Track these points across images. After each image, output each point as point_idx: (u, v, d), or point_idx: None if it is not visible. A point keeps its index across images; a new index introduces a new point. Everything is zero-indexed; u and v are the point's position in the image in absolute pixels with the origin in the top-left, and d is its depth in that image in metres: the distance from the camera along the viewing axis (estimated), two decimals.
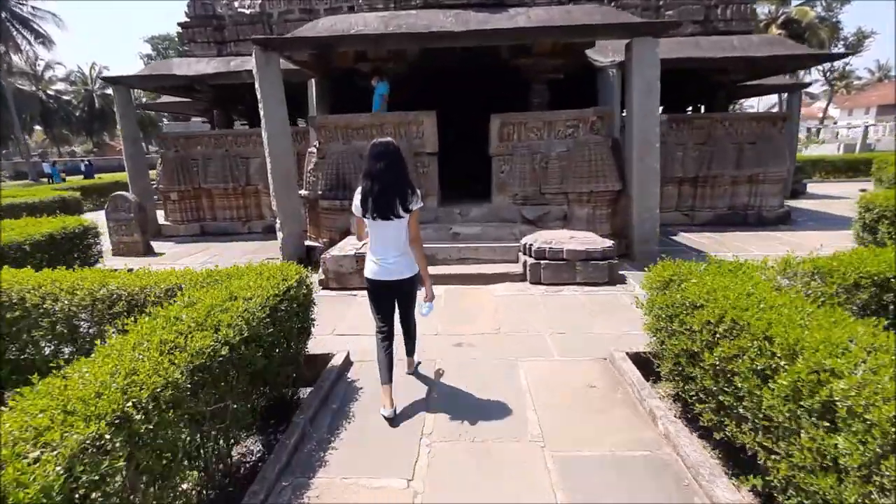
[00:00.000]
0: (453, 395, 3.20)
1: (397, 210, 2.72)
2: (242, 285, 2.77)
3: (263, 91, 6.22)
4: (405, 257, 2.89)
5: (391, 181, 2.72)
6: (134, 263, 7.56)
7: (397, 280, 2.88)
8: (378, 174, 2.71)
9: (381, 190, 2.70)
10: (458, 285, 5.56)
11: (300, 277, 3.18)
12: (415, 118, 6.60)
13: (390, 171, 2.72)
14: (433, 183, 6.78)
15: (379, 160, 2.73)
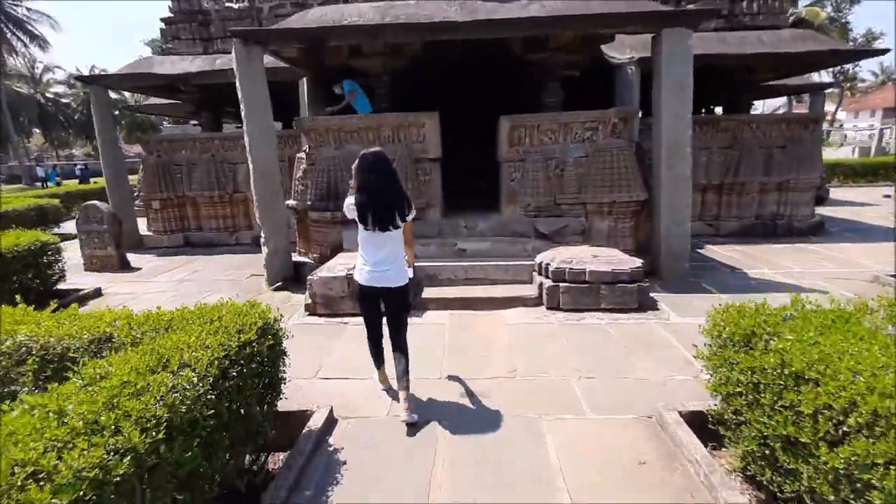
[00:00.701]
0: (462, 475, 2.47)
1: (396, 222, 2.83)
2: (181, 342, 2.06)
3: (244, 89, 5.53)
4: (399, 264, 2.95)
5: (390, 195, 2.81)
6: (106, 280, 6.88)
7: (392, 287, 2.93)
8: (375, 187, 2.77)
9: (380, 204, 2.78)
10: (465, 310, 4.85)
11: (265, 324, 2.48)
12: (415, 120, 5.90)
13: (388, 185, 2.81)
14: (436, 192, 6.07)
15: (372, 173, 2.78)
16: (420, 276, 5.30)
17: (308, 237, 6.38)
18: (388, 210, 2.79)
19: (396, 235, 2.90)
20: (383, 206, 2.78)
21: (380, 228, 2.79)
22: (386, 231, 2.81)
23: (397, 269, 2.94)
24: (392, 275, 2.91)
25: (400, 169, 5.86)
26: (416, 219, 6.16)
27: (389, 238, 2.87)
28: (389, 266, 2.90)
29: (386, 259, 2.90)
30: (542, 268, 4.98)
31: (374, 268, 2.91)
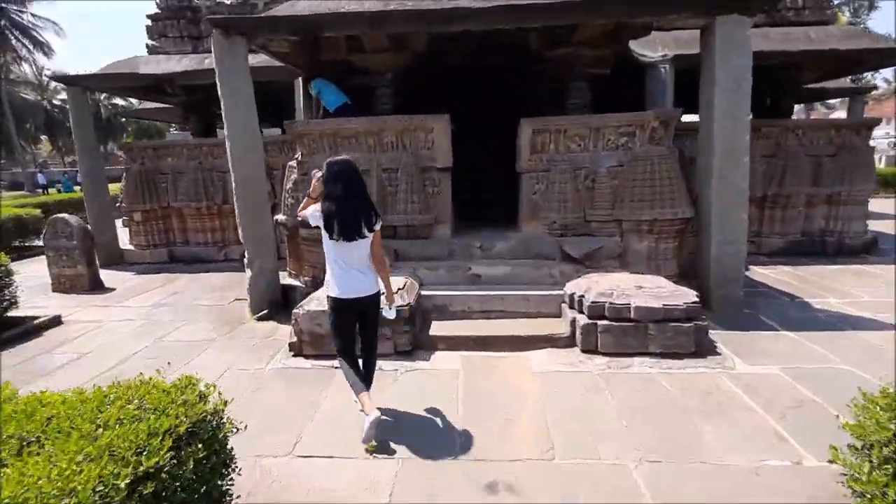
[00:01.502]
0: None
1: (363, 232, 2.79)
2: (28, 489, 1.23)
3: (225, 87, 4.76)
4: (369, 274, 2.93)
5: (356, 204, 2.77)
6: (73, 303, 6.09)
7: (363, 297, 2.90)
8: (341, 197, 2.73)
9: (346, 213, 2.74)
10: (481, 351, 4.01)
11: (195, 424, 1.64)
12: (422, 124, 5.11)
13: (354, 194, 2.77)
14: (446, 207, 5.25)
15: (339, 181, 2.75)
16: (427, 306, 4.47)
17: (299, 257, 5.58)
18: (354, 219, 2.75)
19: (363, 245, 2.86)
20: (349, 214, 2.74)
21: (346, 238, 2.75)
22: (353, 240, 2.77)
23: (366, 279, 2.91)
24: (362, 284, 2.89)
25: (404, 179, 5.06)
26: (423, 237, 5.36)
27: (356, 248, 2.83)
28: (359, 275, 2.87)
29: (354, 268, 2.86)
30: (573, 300, 4.13)
31: (344, 278, 2.85)
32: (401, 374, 3.73)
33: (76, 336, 4.84)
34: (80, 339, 4.75)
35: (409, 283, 4.38)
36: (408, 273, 4.66)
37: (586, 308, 3.91)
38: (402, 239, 5.25)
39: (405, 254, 5.09)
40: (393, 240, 5.27)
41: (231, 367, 4.00)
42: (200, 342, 4.56)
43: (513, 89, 7.61)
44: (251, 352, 4.29)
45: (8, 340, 4.66)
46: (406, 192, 5.10)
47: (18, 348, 4.57)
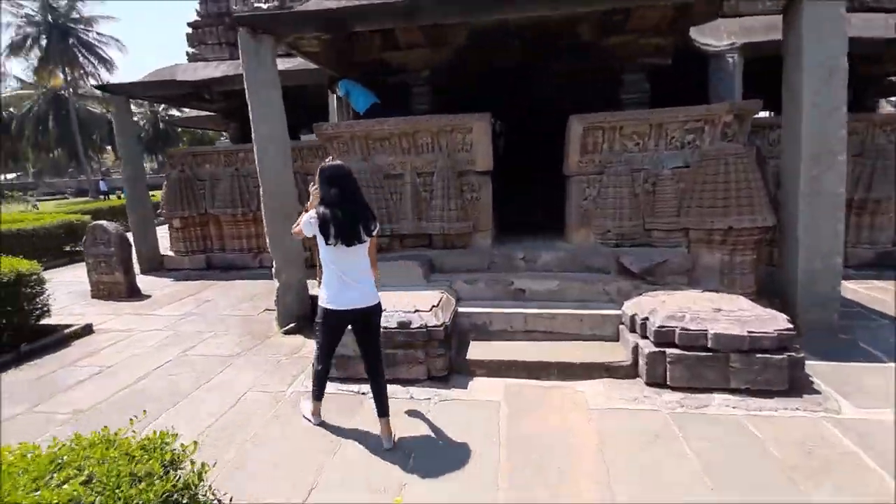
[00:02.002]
0: None
1: (361, 236, 2.68)
2: None
3: (252, 90, 4.52)
4: (368, 282, 2.79)
5: (354, 207, 2.67)
6: (109, 310, 6.04)
7: (362, 308, 2.74)
8: (337, 201, 2.62)
9: (344, 217, 2.61)
10: (527, 379, 3.51)
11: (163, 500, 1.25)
12: (460, 123, 4.67)
13: (350, 197, 2.67)
14: (485, 214, 4.79)
15: (332, 185, 2.65)
16: (465, 325, 4.02)
17: None
18: (352, 223, 2.64)
19: (362, 251, 2.74)
20: (347, 218, 2.62)
21: (345, 243, 2.63)
22: (351, 246, 2.65)
23: (368, 287, 2.77)
24: (362, 294, 2.73)
25: (440, 183, 4.64)
26: (460, 247, 4.92)
27: (355, 253, 2.70)
28: (359, 284, 2.72)
29: (354, 277, 2.71)
30: (635, 322, 3.56)
31: (342, 288, 2.70)
32: (434, 404, 3.28)
33: (103, 347, 4.71)
34: (106, 351, 4.60)
35: (445, 298, 3.94)
36: (443, 287, 4.22)
37: (652, 333, 3.33)
38: (438, 249, 4.83)
39: (441, 265, 4.66)
40: (427, 249, 4.86)
41: (252, 387, 3.69)
42: (224, 357, 4.30)
43: (558, 86, 7.07)
44: (274, 370, 3.97)
45: (37, 351, 4.58)
46: (442, 198, 4.68)
47: (46, 359, 4.47)
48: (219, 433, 3.04)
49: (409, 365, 3.51)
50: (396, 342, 3.49)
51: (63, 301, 6.49)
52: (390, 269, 4.42)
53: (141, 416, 1.85)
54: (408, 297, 3.92)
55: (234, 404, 3.42)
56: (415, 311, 3.60)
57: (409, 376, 3.51)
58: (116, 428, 1.56)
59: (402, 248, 4.96)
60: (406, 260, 4.44)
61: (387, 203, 4.83)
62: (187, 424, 3.13)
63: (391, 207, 4.86)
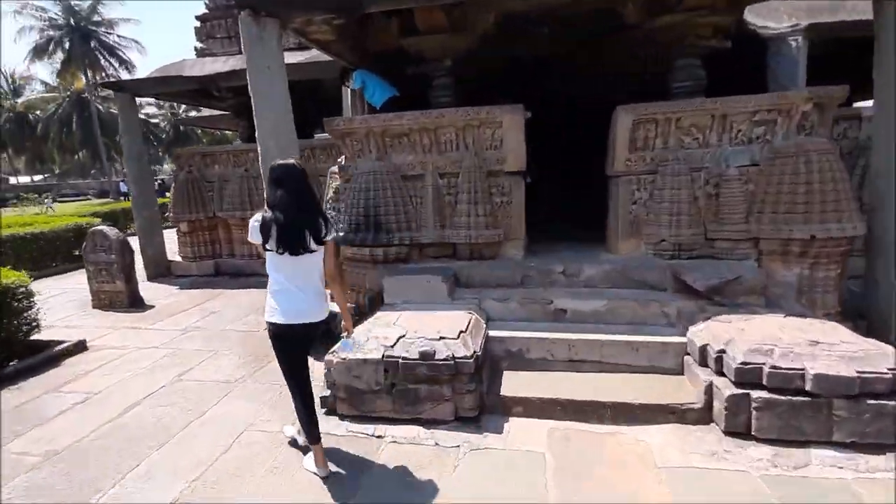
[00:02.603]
0: None
1: (308, 243, 2.40)
2: None
3: (254, 80, 4.03)
4: (319, 297, 2.52)
5: (301, 212, 2.40)
6: (107, 323, 5.62)
7: (311, 323, 2.50)
8: (281, 203, 2.38)
9: (287, 221, 2.36)
10: (575, 422, 2.92)
11: None
12: (488, 117, 4.10)
13: (297, 200, 2.40)
14: (517, 220, 4.21)
15: (279, 186, 2.41)
16: (496, 351, 3.44)
17: (341, 279, 4.74)
18: (297, 229, 2.38)
19: (312, 260, 2.49)
20: (292, 224, 2.37)
21: (290, 251, 2.39)
22: (297, 254, 2.41)
23: (316, 301, 2.52)
24: (309, 307, 2.49)
25: (466, 185, 4.07)
26: (488, 258, 4.34)
27: (303, 263, 2.45)
28: (307, 296, 2.48)
29: (302, 288, 2.47)
30: (706, 354, 2.94)
31: (290, 300, 2.46)
32: (464, 453, 2.72)
33: (94, 368, 4.27)
34: (95, 373, 4.16)
35: (474, 321, 3.37)
36: (471, 306, 3.65)
37: (731, 371, 2.71)
38: (463, 260, 4.26)
39: (467, 279, 4.09)
40: (452, 260, 4.30)
41: (250, 424, 3.18)
42: (223, 383, 3.81)
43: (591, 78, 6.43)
44: (277, 401, 3.46)
45: (23, 372, 4.16)
46: (468, 202, 4.11)
47: (32, 381, 4.04)
48: (206, 489, 2.53)
49: (433, 403, 2.95)
50: (418, 376, 2.94)
51: (62, 311, 6.13)
52: (409, 283, 3.87)
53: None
54: (430, 319, 3.36)
55: (228, 448, 2.91)
56: (439, 338, 3.04)
57: (434, 416, 2.96)
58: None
59: (421, 258, 4.41)
60: (428, 273, 3.89)
61: (405, 208, 4.28)
62: (170, 477, 2.63)
63: (410, 213, 4.31)
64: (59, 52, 31.79)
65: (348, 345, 2.82)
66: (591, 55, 5.95)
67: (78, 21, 32.08)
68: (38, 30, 31.36)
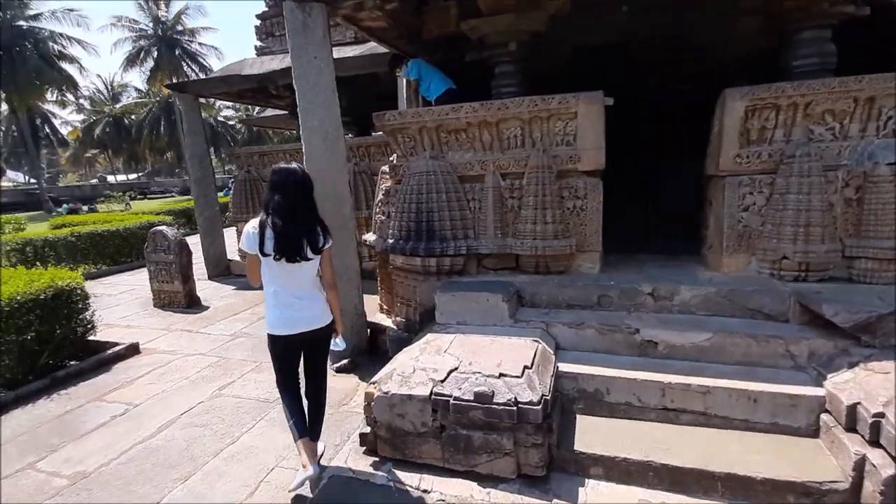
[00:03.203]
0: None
1: (305, 252, 2.34)
2: None
3: (299, 72, 3.70)
4: (317, 301, 2.47)
5: (296, 218, 2.33)
6: (164, 324, 5.61)
7: (310, 331, 2.43)
8: (279, 208, 2.31)
9: (285, 227, 2.29)
10: (673, 494, 2.27)
11: None
12: (560, 107, 3.49)
13: (294, 206, 2.33)
14: (593, 229, 3.57)
15: (277, 191, 2.34)
16: (567, 389, 2.85)
17: (391, 289, 4.33)
18: (295, 235, 2.30)
19: (309, 268, 2.40)
20: (290, 230, 2.28)
21: (286, 258, 2.29)
22: (294, 262, 2.31)
23: (316, 307, 2.45)
24: (310, 315, 2.42)
25: (533, 188, 3.50)
26: (557, 272, 3.72)
27: (300, 271, 2.37)
28: (305, 304, 2.40)
29: (299, 296, 2.39)
30: (856, 416, 2.19)
31: (286, 308, 2.38)
32: None
33: (141, 375, 4.17)
34: (142, 381, 4.05)
35: (541, 353, 2.80)
36: (536, 331, 3.08)
37: (895, 443, 1.95)
38: (528, 274, 3.68)
39: (532, 297, 3.51)
40: (514, 274, 3.74)
41: (282, 457, 2.83)
42: (260, 403, 3.52)
43: (679, 62, 5.56)
44: None
45: (74, 375, 4.13)
46: (535, 208, 3.53)
47: (81, 386, 3.99)
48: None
49: (490, 455, 2.43)
50: (473, 421, 2.42)
51: (126, 309, 6.25)
52: (465, 301, 3.36)
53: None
54: (488, 347, 2.84)
55: (255, 489, 2.56)
56: (499, 375, 2.51)
57: (491, 472, 2.43)
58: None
59: (479, 270, 3.88)
60: (486, 291, 3.35)
61: (462, 213, 3.78)
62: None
63: (467, 219, 3.80)
64: (149, 61, 34.43)
65: (339, 344, 2.65)
66: (677, 36, 5.11)
67: (164, 31, 34.62)
68: (132, 40, 34.17)
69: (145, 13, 34.26)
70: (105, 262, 9.05)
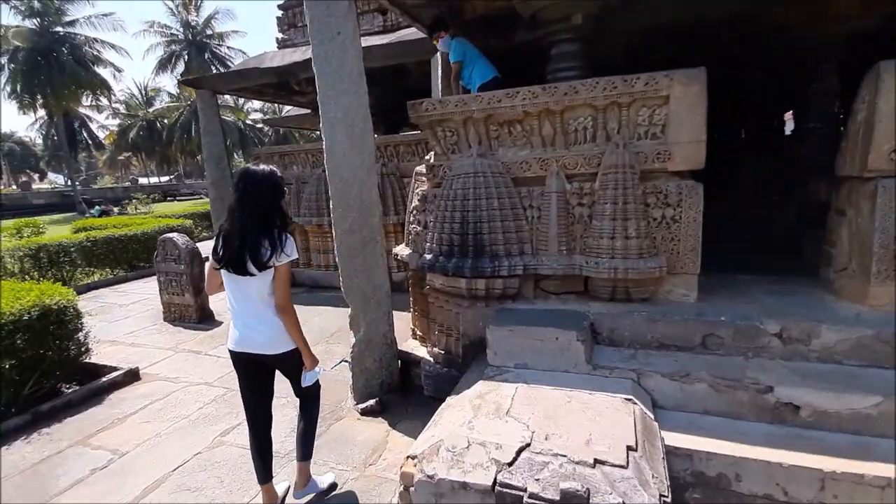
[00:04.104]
0: None
1: (247, 265, 2.06)
2: None
3: (320, 50, 3.04)
4: (267, 325, 2.18)
5: (244, 225, 2.07)
6: (172, 342, 5.05)
7: (263, 355, 2.21)
8: (231, 213, 2.14)
9: (228, 235, 2.10)
10: None
11: None
12: (647, 89, 2.73)
13: (243, 211, 2.09)
14: (689, 245, 2.78)
15: (236, 191, 2.15)
16: (677, 472, 2.07)
17: (426, 313, 3.63)
18: (238, 245, 2.05)
19: (256, 285, 2.12)
20: (233, 238, 2.07)
21: (234, 270, 2.08)
22: (242, 275, 2.08)
23: (265, 330, 2.17)
24: (258, 337, 2.18)
25: (609, 192, 2.75)
26: (639, 299, 2.94)
27: (248, 286, 2.12)
28: (253, 323, 2.17)
29: (250, 312, 2.17)
30: None
31: (237, 324, 2.21)
32: None
33: (136, 410, 3.58)
34: (135, 418, 3.45)
35: (640, 418, 2.03)
36: (625, 383, 2.32)
37: None
38: (601, 300, 2.92)
39: (611, 333, 2.75)
40: (583, 300, 2.98)
41: None
42: None
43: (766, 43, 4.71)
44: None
45: (58, 410, 3.57)
46: (612, 217, 2.77)
47: (66, 423, 3.43)
48: None
49: None
50: None
51: (134, 324, 5.75)
52: (526, 338, 2.63)
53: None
54: (565, 408, 2.10)
55: None
56: (593, 462, 1.76)
57: None
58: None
59: (535, 294, 3.14)
60: (554, 326, 2.61)
61: (517, 223, 3.05)
62: None
63: (523, 231, 3.07)
64: (180, 65, 34.92)
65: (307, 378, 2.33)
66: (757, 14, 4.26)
67: (195, 35, 35.06)
68: (164, 45, 34.73)
69: (176, 18, 34.79)
70: (123, 267, 8.67)
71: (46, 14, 26.16)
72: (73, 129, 34.20)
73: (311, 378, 2.35)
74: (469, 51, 3.97)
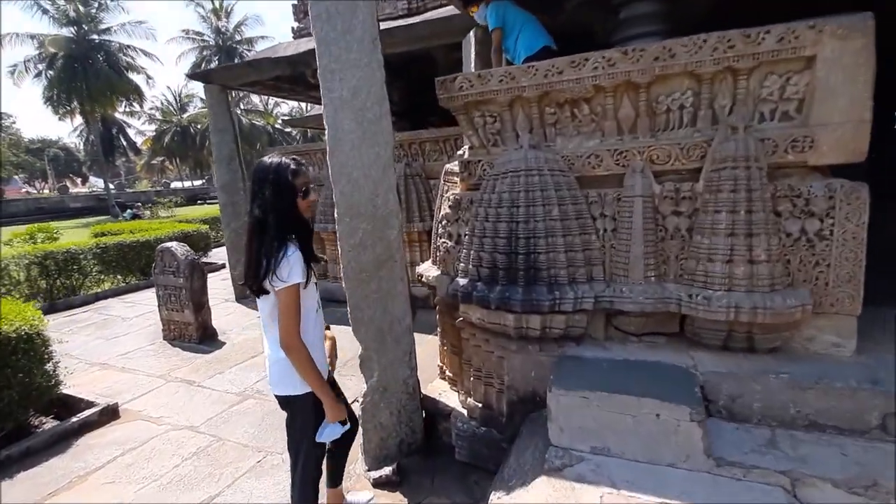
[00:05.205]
0: None
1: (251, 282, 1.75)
2: None
3: (319, 10, 2.31)
4: (275, 362, 1.82)
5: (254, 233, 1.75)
6: (167, 365, 4.46)
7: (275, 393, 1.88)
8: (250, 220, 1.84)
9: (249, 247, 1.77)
10: None
11: None
12: (780, 48, 1.89)
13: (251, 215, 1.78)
14: (843, 271, 1.90)
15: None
16: None
17: (458, 350, 2.84)
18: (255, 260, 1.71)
19: (263, 308, 1.79)
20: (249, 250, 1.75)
21: (251, 290, 1.76)
22: (257, 295, 1.77)
23: (272, 366, 1.84)
24: (271, 373, 1.86)
25: (720, 196, 1.88)
26: (767, 349, 1.95)
27: (262, 309, 1.80)
28: (268, 356, 1.85)
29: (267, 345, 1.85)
30: None
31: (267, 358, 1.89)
32: None
33: (101, 465, 2.93)
34: (98, 476, 2.80)
35: None
36: (773, 493, 1.47)
37: None
38: (710, 349, 2.07)
39: (733, 402, 1.90)
40: (681, 347, 2.14)
41: None
42: None
43: None
44: None
45: (14, 460, 2.95)
46: (727, 231, 1.93)
47: (17, 480, 2.81)
48: None
49: None
50: None
51: (130, 342, 5.18)
52: (608, 410, 1.81)
53: None
54: None
55: None
56: None
57: None
58: None
59: (609, 335, 2.31)
60: (646, 394, 1.78)
61: (584, 239, 2.24)
62: None
63: (592, 249, 2.25)
64: None
65: (328, 431, 1.83)
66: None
67: (225, 41, 35.45)
68: (196, 51, 35.26)
69: (208, 24, 35.28)
70: (135, 275, 8.24)
71: (82, 22, 26.77)
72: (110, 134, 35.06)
73: (329, 434, 1.86)
74: (511, 13, 3.17)
